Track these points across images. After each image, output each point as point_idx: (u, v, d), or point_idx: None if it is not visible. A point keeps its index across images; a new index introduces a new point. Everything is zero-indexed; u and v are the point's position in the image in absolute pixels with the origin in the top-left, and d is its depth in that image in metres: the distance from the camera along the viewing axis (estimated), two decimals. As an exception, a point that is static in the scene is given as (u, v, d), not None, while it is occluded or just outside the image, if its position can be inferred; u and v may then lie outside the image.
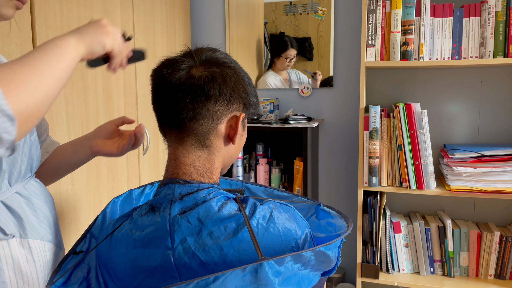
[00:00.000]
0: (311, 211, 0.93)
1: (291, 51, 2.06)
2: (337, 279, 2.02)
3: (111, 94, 1.43)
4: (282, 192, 1.01)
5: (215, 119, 0.71)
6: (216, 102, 0.70)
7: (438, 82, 1.86)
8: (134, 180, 1.58)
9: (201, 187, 0.71)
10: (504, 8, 1.55)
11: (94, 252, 0.78)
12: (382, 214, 1.74)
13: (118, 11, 1.46)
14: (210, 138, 0.72)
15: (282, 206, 0.72)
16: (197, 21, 2.19)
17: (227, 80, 0.71)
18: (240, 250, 0.64)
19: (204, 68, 0.71)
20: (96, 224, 0.86)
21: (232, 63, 0.74)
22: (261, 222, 0.66)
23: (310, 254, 0.62)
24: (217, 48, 0.76)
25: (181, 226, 0.66)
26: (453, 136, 1.87)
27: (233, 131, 0.74)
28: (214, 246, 0.64)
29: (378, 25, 1.67)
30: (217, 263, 0.64)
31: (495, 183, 1.57)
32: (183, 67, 0.70)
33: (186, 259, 0.65)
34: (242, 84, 0.73)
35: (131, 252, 0.69)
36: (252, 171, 2.03)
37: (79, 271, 0.76)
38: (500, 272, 1.70)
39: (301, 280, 0.64)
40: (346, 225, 0.77)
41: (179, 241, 0.66)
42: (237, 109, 0.73)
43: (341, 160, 2.05)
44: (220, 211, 0.67)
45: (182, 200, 0.69)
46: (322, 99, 2.05)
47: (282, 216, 0.69)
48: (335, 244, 0.67)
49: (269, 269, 0.57)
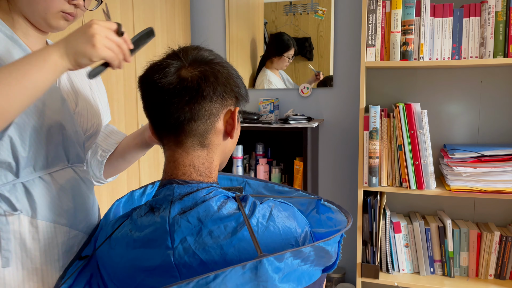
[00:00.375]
0: (311, 205, 0.93)
1: (292, 51, 2.06)
2: (337, 279, 2.02)
3: (111, 94, 1.43)
4: (282, 187, 1.01)
5: (212, 117, 0.71)
6: (211, 100, 0.70)
7: (438, 82, 1.86)
8: (134, 180, 1.58)
9: (200, 186, 0.71)
10: (504, 8, 1.55)
11: (95, 256, 0.78)
12: (382, 214, 1.74)
13: (118, 11, 1.46)
14: (209, 136, 0.72)
15: (281, 205, 0.72)
16: (197, 21, 2.19)
17: (218, 77, 0.71)
18: (240, 249, 0.64)
19: (193, 68, 0.70)
20: (99, 228, 0.86)
21: (218, 58, 0.74)
22: (261, 221, 0.66)
23: (309, 250, 0.62)
24: (200, 46, 0.75)
25: (181, 226, 0.66)
26: (453, 136, 1.87)
27: (230, 126, 0.74)
28: (214, 245, 0.64)
29: (378, 25, 1.67)
30: (218, 262, 0.64)
31: (495, 183, 1.57)
32: (172, 70, 0.70)
33: (186, 258, 0.65)
34: (232, 78, 0.74)
35: (130, 253, 0.69)
36: (252, 171, 2.03)
37: (83, 276, 0.76)
38: (500, 272, 1.70)
39: (301, 276, 0.64)
40: (346, 220, 0.77)
41: (179, 241, 0.66)
42: (230, 104, 0.74)
43: (341, 160, 2.05)
44: (220, 211, 0.67)
45: (181, 200, 0.69)
46: (322, 99, 2.05)
47: (282, 214, 0.69)
48: (335, 239, 0.68)
49: (269, 266, 0.57)
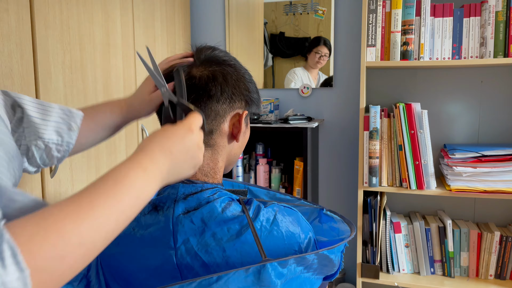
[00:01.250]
0: (313, 215, 0.93)
1: (322, 48, 2.02)
2: (337, 279, 2.02)
3: (111, 94, 1.43)
4: (284, 196, 1.00)
5: (218, 118, 0.71)
6: (218, 101, 0.70)
7: (438, 82, 1.85)
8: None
9: (205, 187, 0.70)
10: (504, 8, 1.54)
11: None
12: (382, 214, 1.74)
13: (118, 11, 1.46)
14: (214, 137, 0.72)
15: (286, 209, 0.71)
16: (197, 21, 2.19)
17: (228, 79, 0.70)
18: (243, 252, 0.63)
19: (204, 67, 0.70)
20: None
21: (232, 60, 0.73)
22: (265, 225, 0.66)
23: (313, 258, 0.61)
24: (216, 46, 0.75)
25: (185, 226, 0.66)
26: (453, 136, 1.86)
27: (236, 129, 0.73)
28: (217, 247, 0.64)
29: (378, 25, 1.67)
30: (219, 264, 0.63)
31: (495, 183, 1.57)
32: (184, 68, 0.70)
33: (188, 259, 0.64)
34: (243, 81, 0.73)
35: (133, 251, 0.69)
36: (252, 171, 2.03)
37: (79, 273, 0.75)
38: (500, 272, 1.70)
39: (303, 283, 0.63)
40: (349, 229, 0.77)
41: (182, 241, 0.65)
42: (239, 107, 0.73)
43: (341, 160, 2.05)
44: (224, 212, 0.66)
45: (186, 200, 0.68)
46: (322, 99, 2.05)
47: (286, 219, 0.69)
48: (338, 248, 0.67)
49: (272, 271, 0.57)
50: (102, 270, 0.76)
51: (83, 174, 1.29)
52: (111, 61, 1.41)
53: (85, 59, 1.28)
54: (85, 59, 1.28)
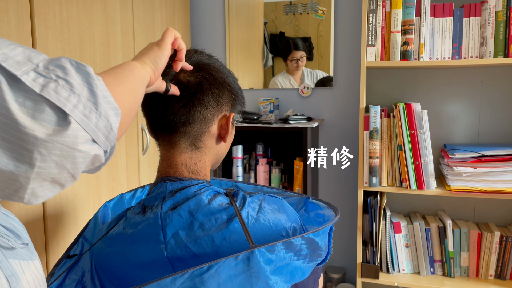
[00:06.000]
0: (300, 204, 0.97)
1: (295, 53, 2.05)
2: (337, 279, 2.01)
3: (111, 94, 1.43)
4: (271, 189, 1.04)
5: (206, 121, 0.74)
6: (207, 105, 0.72)
7: (438, 82, 1.85)
8: (134, 180, 1.58)
9: (192, 183, 0.72)
10: (504, 8, 1.54)
11: (88, 255, 0.79)
12: (382, 214, 1.74)
13: (118, 11, 1.46)
14: (202, 139, 0.75)
15: (271, 198, 0.74)
16: (197, 21, 2.19)
17: (214, 83, 0.73)
18: (232, 241, 0.65)
19: (191, 72, 0.73)
20: (89, 228, 0.88)
21: (216, 64, 0.76)
22: (251, 213, 0.68)
23: (300, 242, 0.63)
24: (199, 49, 0.78)
25: (173, 220, 0.68)
26: (453, 136, 1.87)
27: (224, 131, 0.76)
28: (205, 237, 0.65)
29: (378, 25, 1.67)
30: (209, 254, 0.65)
31: (495, 183, 1.57)
32: (171, 73, 0.72)
33: (178, 252, 0.66)
34: (228, 83, 0.76)
35: (125, 250, 0.71)
36: (252, 171, 2.03)
37: (74, 274, 0.77)
38: (500, 272, 1.70)
39: (294, 271, 0.65)
40: (334, 214, 0.80)
41: (171, 235, 0.67)
42: (226, 109, 0.76)
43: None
44: (211, 203, 0.68)
45: (173, 196, 0.70)
46: (322, 99, 2.05)
47: (272, 207, 0.71)
48: (324, 230, 0.69)
49: (261, 257, 0.58)
50: (97, 273, 0.77)
51: (82, 175, 1.29)
52: (111, 61, 1.41)
53: (85, 59, 1.28)
54: (85, 59, 1.28)
